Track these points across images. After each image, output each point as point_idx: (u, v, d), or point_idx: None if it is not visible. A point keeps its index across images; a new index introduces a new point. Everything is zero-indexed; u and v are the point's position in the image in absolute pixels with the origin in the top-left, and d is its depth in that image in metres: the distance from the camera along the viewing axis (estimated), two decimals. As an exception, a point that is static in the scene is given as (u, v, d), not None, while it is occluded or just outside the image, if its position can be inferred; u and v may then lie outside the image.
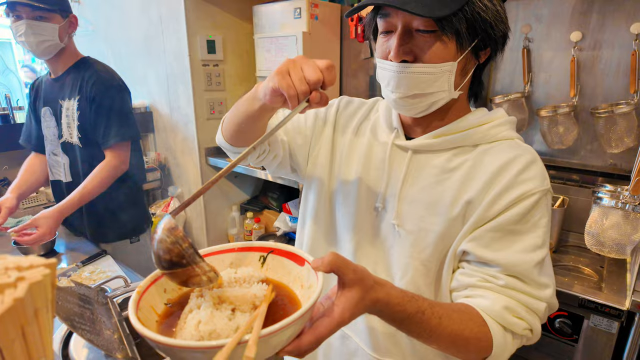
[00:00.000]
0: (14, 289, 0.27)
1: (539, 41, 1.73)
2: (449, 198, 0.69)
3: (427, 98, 0.66)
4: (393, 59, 0.64)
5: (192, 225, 2.61)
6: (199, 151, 2.37)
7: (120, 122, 1.54)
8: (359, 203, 0.78)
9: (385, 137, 0.78)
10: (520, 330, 0.63)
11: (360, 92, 2.31)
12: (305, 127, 0.87)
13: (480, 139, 0.71)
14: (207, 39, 2.24)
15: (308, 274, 0.53)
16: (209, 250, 0.57)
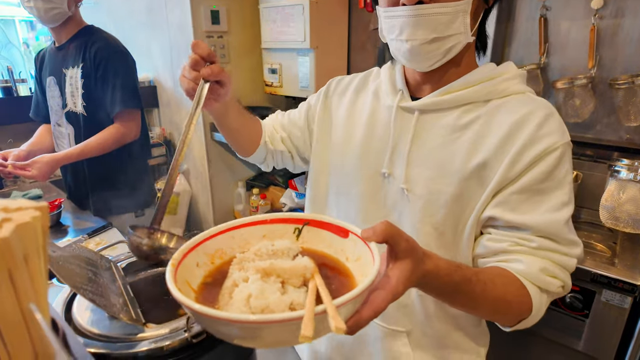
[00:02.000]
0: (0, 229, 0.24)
1: (557, 9, 1.65)
2: (461, 158, 0.66)
3: (444, 42, 0.63)
4: (407, 2, 0.61)
5: (198, 200, 2.60)
6: (204, 126, 2.34)
7: (126, 89, 1.52)
8: (365, 171, 0.76)
9: (389, 101, 0.75)
10: (555, 288, 0.63)
11: (369, 63, 2.24)
12: (298, 118, 0.89)
13: (491, 94, 0.67)
14: (211, 10, 2.17)
15: (355, 246, 0.50)
16: (240, 222, 0.54)
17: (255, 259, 0.48)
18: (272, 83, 2.27)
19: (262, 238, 0.53)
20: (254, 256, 0.48)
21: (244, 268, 0.47)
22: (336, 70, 2.21)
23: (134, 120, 1.57)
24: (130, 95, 1.53)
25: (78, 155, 1.50)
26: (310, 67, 2.07)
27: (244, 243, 0.52)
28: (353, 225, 0.51)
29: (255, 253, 0.49)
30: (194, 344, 0.52)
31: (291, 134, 0.89)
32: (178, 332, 0.51)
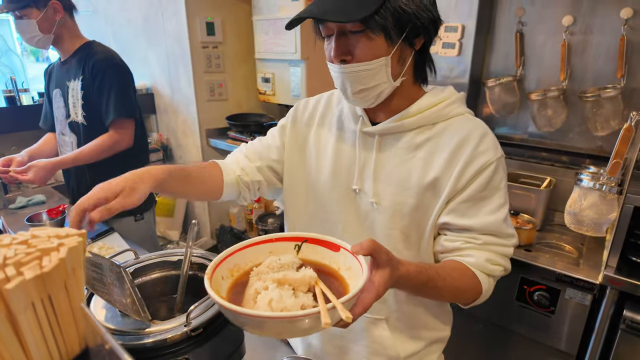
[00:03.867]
0: (57, 252, 0.34)
1: (532, 25, 1.76)
2: (417, 174, 0.78)
3: (372, 91, 0.74)
4: (333, 60, 0.71)
5: (195, 204, 2.69)
6: (200, 132, 2.44)
7: (120, 100, 1.60)
8: (339, 188, 0.86)
9: (352, 126, 0.85)
10: (498, 273, 0.78)
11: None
12: (272, 141, 0.95)
13: (437, 118, 0.79)
14: (206, 21, 2.27)
15: (345, 258, 0.62)
16: (251, 242, 0.64)
17: (269, 272, 0.59)
18: (265, 91, 2.37)
19: (269, 254, 0.64)
20: (267, 269, 0.59)
21: (261, 279, 0.57)
22: (326, 79, 2.29)
23: (127, 129, 1.64)
24: (124, 105, 1.61)
25: (72, 161, 1.59)
26: (301, 76, 2.16)
27: (254, 258, 0.63)
28: (343, 242, 0.63)
29: (267, 266, 0.60)
30: (193, 336, 0.62)
31: (268, 160, 0.94)
32: (179, 327, 0.61)
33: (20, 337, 0.32)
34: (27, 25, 1.48)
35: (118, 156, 1.66)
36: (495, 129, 1.97)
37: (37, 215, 1.55)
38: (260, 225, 2.33)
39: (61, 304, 0.34)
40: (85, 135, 1.65)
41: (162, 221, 2.59)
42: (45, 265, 0.33)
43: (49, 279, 0.33)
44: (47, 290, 0.33)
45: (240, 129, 2.38)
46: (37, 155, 1.72)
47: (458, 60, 1.90)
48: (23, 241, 0.36)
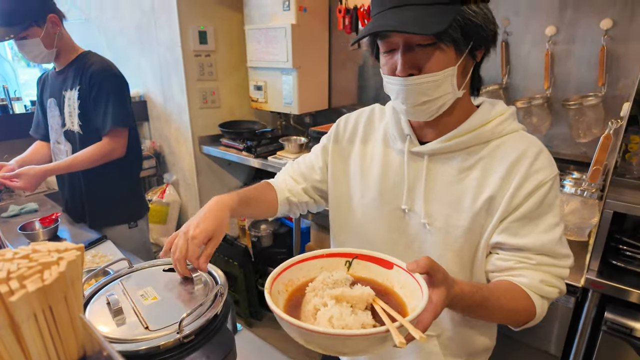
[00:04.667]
0: (57, 266, 0.37)
1: (517, 34, 1.82)
2: (471, 195, 0.77)
3: (435, 102, 0.72)
4: (400, 74, 0.70)
5: (188, 210, 2.71)
6: (193, 139, 2.46)
7: (116, 109, 1.62)
8: (385, 208, 0.85)
9: (399, 145, 0.84)
10: (553, 295, 0.76)
11: (349, 80, 2.38)
12: (316, 161, 0.96)
13: (490, 136, 0.77)
14: (198, 30, 2.30)
15: (399, 275, 0.62)
16: (303, 257, 0.65)
17: (324, 288, 0.59)
18: (257, 99, 2.40)
19: (320, 269, 0.64)
20: (322, 285, 0.59)
21: (318, 295, 0.57)
22: (318, 87, 2.34)
23: (121, 138, 1.66)
24: (121, 115, 1.63)
25: (66, 168, 1.61)
26: (293, 84, 2.20)
27: (307, 274, 0.64)
28: (396, 259, 0.63)
29: (322, 282, 0.60)
30: (185, 343, 0.64)
31: (312, 180, 0.95)
32: (172, 334, 0.64)
33: (23, 345, 0.34)
34: (33, 45, 1.50)
35: (112, 165, 1.67)
36: (483, 135, 2.02)
37: (30, 223, 1.56)
38: (252, 231, 2.35)
39: (61, 315, 0.37)
40: (81, 144, 1.66)
41: (156, 228, 2.60)
42: (47, 279, 0.35)
43: (50, 291, 0.35)
44: (48, 301, 0.36)
45: (233, 136, 2.40)
46: (26, 163, 1.73)
47: (446, 69, 1.94)
48: (25, 256, 0.38)
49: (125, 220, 1.82)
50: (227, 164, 2.63)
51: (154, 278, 0.81)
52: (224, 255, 2.40)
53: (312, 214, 1.99)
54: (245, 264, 2.36)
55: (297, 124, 2.63)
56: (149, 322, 0.67)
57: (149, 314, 0.69)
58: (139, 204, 1.90)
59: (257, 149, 2.26)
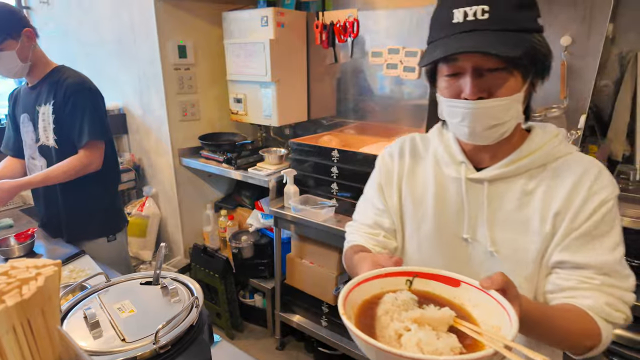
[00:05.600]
0: (36, 281, 0.40)
1: (485, 50, 1.90)
2: (538, 216, 0.76)
3: (502, 126, 0.72)
4: (470, 97, 0.70)
5: (168, 223, 2.70)
6: (173, 152, 2.46)
7: (92, 123, 1.63)
8: (444, 238, 0.84)
9: (453, 172, 0.83)
10: (619, 320, 0.73)
11: (328, 93, 2.44)
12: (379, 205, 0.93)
13: (547, 159, 0.77)
14: (178, 44, 2.32)
15: (468, 293, 0.60)
16: (363, 278, 0.62)
17: (398, 310, 0.57)
18: (237, 111, 2.43)
19: (380, 290, 0.62)
20: (393, 307, 0.58)
21: (394, 318, 0.56)
22: (297, 100, 2.39)
23: (98, 151, 1.67)
24: (97, 128, 1.64)
25: (40, 182, 1.60)
26: (272, 97, 2.24)
27: (366, 294, 0.62)
28: (462, 276, 0.61)
29: (391, 304, 0.58)
30: (161, 353, 0.67)
31: (386, 228, 0.92)
32: (148, 345, 0.66)
33: (3, 356, 0.37)
34: (8, 58, 1.50)
35: (90, 178, 1.67)
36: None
37: (5, 240, 1.55)
38: (233, 242, 2.36)
39: (39, 327, 0.39)
40: (57, 158, 1.66)
41: (134, 241, 2.58)
42: (25, 293, 0.38)
43: (28, 305, 0.38)
44: (26, 315, 0.38)
45: (213, 148, 2.42)
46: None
47: (418, 82, 2.03)
48: (3, 272, 0.41)
49: (103, 233, 1.82)
50: (207, 176, 2.64)
51: (131, 291, 0.83)
52: (205, 268, 2.40)
53: (294, 224, 2.02)
54: (226, 275, 2.36)
55: (277, 135, 2.67)
56: (126, 334, 0.69)
57: (125, 326, 0.71)
58: (118, 217, 1.90)
59: (237, 160, 2.29)
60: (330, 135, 2.27)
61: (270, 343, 2.41)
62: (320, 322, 2.18)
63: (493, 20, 0.66)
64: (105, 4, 2.50)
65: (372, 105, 2.29)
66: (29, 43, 1.55)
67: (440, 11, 0.73)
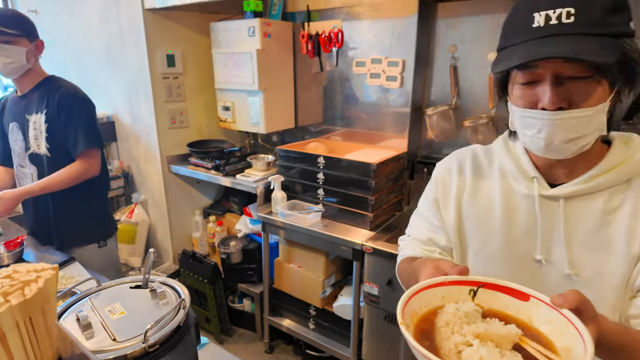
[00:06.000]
0: (36, 283, 0.44)
1: (464, 59, 1.99)
2: (624, 235, 0.69)
3: (582, 140, 0.67)
4: (548, 107, 0.64)
5: (157, 229, 2.72)
6: (162, 159, 2.50)
7: (87, 131, 1.68)
8: (515, 259, 0.77)
9: (523, 188, 0.77)
10: None
11: (315, 100, 2.50)
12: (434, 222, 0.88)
13: (632, 173, 0.71)
14: (166, 54, 2.37)
15: (538, 309, 0.56)
16: (423, 285, 0.58)
17: (459, 323, 0.53)
18: (225, 119, 2.48)
19: (442, 298, 0.59)
20: (454, 319, 0.54)
21: (455, 331, 0.52)
22: (284, 107, 2.45)
23: (96, 158, 1.72)
24: (92, 136, 1.69)
25: (41, 190, 1.63)
26: (259, 105, 2.30)
27: (428, 303, 0.58)
28: (532, 290, 0.56)
29: (453, 315, 0.55)
30: (150, 352, 0.71)
31: (442, 246, 0.87)
32: (137, 344, 0.70)
33: (7, 350, 0.42)
34: (15, 51, 1.55)
35: (79, 184, 1.70)
36: (436, 152, 2.18)
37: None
38: (222, 248, 2.40)
39: (39, 324, 0.44)
40: (49, 166, 1.69)
41: (124, 248, 2.60)
42: (27, 294, 0.43)
43: (30, 304, 0.43)
44: (28, 313, 0.43)
45: (202, 155, 2.46)
46: None
47: (400, 91, 2.10)
48: (7, 275, 0.46)
49: (94, 239, 1.85)
50: (195, 183, 2.68)
51: (122, 295, 0.87)
52: (194, 273, 2.43)
53: (282, 229, 2.07)
54: (215, 281, 2.40)
55: (265, 142, 2.72)
56: (117, 335, 0.73)
57: (116, 327, 0.75)
58: (108, 223, 1.93)
59: (225, 167, 2.33)
60: (317, 141, 2.33)
61: (259, 347, 2.44)
62: (308, 325, 2.22)
63: (580, 23, 0.61)
64: (93, 13, 2.54)
65: (357, 113, 2.36)
66: (37, 51, 1.64)
67: (516, 15, 0.68)
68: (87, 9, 2.57)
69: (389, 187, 2.01)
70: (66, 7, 2.70)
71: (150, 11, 2.27)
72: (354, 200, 1.92)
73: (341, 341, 2.10)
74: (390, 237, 1.87)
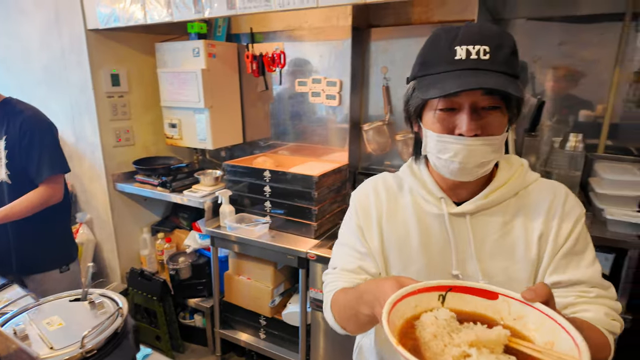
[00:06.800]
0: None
1: (394, 80, 2.18)
2: (522, 242, 0.79)
3: (489, 164, 0.75)
4: (466, 134, 0.70)
5: (103, 249, 2.68)
6: (107, 177, 2.48)
7: (52, 156, 1.64)
8: (434, 276, 0.80)
9: (434, 209, 0.83)
10: (618, 329, 0.74)
11: (262, 117, 2.61)
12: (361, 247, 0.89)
13: (519, 187, 0.82)
14: (111, 73, 2.38)
15: (508, 306, 0.56)
16: (397, 297, 0.56)
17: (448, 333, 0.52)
18: (172, 136, 2.52)
19: (415, 308, 0.57)
20: (441, 329, 0.53)
21: (447, 343, 0.51)
22: (231, 124, 2.53)
23: (59, 184, 1.68)
24: (56, 161, 1.65)
25: (2, 218, 1.57)
26: (206, 122, 2.36)
27: (402, 314, 0.56)
28: (499, 288, 0.57)
29: (436, 325, 0.53)
30: (88, 357, 0.77)
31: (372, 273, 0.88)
32: (75, 350, 0.76)
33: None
34: None
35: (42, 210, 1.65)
36: (375, 163, 2.34)
37: None
38: (171, 264, 2.41)
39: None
40: (9, 193, 1.64)
41: (68, 269, 2.53)
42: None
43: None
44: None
45: (148, 172, 2.48)
46: None
47: (339, 109, 2.26)
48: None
49: (56, 265, 1.79)
50: (143, 200, 2.67)
51: (61, 308, 0.92)
52: (143, 291, 2.42)
53: (230, 242, 2.13)
54: (165, 298, 2.40)
55: (213, 158, 2.77)
56: (54, 344, 0.78)
57: (54, 337, 0.80)
58: (70, 246, 1.88)
59: (172, 183, 2.36)
60: (265, 156, 2.43)
61: (212, 361, 2.46)
62: (259, 335, 2.28)
63: (494, 61, 0.69)
64: (33, 33, 2.50)
65: (302, 128, 2.49)
66: None
67: (436, 46, 0.73)
68: (26, 29, 2.53)
69: (331, 197, 2.13)
70: (4, 27, 2.64)
71: (93, 32, 2.29)
72: (299, 211, 2.03)
73: (291, 348, 2.18)
74: (333, 244, 1.99)
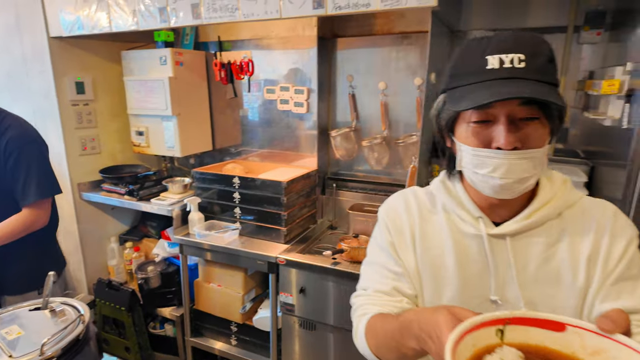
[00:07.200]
0: None
1: (360, 88, 2.26)
2: (569, 267, 0.72)
3: (532, 179, 0.70)
4: (504, 147, 0.66)
5: (69, 260, 2.59)
6: (72, 187, 2.43)
7: (40, 179, 1.53)
8: (471, 302, 0.76)
9: (471, 229, 0.77)
10: None
11: (231, 124, 2.62)
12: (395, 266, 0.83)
13: (562, 207, 0.75)
14: (75, 81, 2.35)
15: (581, 339, 0.49)
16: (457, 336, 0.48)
17: None
18: (139, 144, 2.50)
19: (472, 348, 0.50)
20: None
21: None
22: (200, 131, 2.53)
23: (45, 209, 1.57)
24: (44, 184, 1.54)
25: None
26: (174, 130, 2.36)
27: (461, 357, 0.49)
28: (567, 317, 0.50)
29: None
30: (48, 365, 0.77)
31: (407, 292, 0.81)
32: (34, 358, 0.76)
33: None
34: None
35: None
36: (344, 169, 2.40)
37: None
38: (139, 273, 2.38)
39: None
40: None
41: (31, 282, 2.45)
42: None
43: None
44: None
45: (115, 180, 2.44)
46: None
47: (307, 116, 2.31)
48: None
49: (34, 286, 1.66)
50: (110, 209, 2.62)
51: (20, 318, 0.91)
52: (110, 302, 2.37)
53: (200, 250, 2.12)
54: (134, 308, 2.36)
55: (182, 165, 2.76)
56: (13, 352, 0.78)
57: (12, 346, 0.80)
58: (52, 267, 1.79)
59: (139, 192, 2.34)
60: (235, 163, 2.44)
61: (183, 370, 2.43)
62: (230, 341, 2.28)
63: (529, 69, 0.65)
64: (-8, 38, 2.44)
65: (272, 135, 2.52)
66: None
67: (467, 57, 0.70)
68: (-16, 34, 2.46)
69: (301, 202, 2.17)
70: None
71: (56, 39, 2.25)
72: (268, 216, 2.05)
73: (262, 353, 2.19)
74: (303, 247, 2.03)
